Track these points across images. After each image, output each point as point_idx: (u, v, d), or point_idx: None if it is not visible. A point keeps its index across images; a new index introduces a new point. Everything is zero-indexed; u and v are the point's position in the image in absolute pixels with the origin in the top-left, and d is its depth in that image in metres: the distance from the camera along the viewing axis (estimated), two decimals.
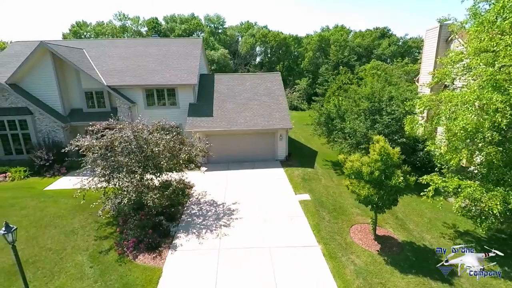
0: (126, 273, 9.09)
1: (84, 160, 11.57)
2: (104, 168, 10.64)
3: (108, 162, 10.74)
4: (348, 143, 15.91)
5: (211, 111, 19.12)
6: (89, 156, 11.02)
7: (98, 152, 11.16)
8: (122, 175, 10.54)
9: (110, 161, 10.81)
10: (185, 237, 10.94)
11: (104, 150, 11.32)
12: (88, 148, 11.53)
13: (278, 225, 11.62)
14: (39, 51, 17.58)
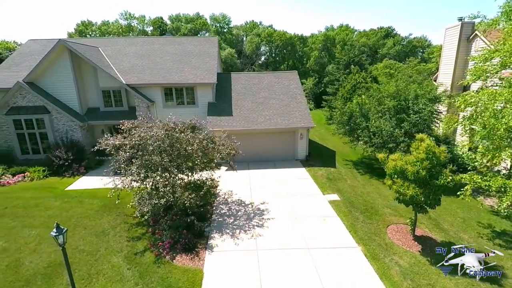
0: (166, 275, 8.84)
1: (114, 159, 11.32)
2: (139, 167, 10.36)
3: (142, 161, 10.47)
4: (374, 143, 15.69)
5: (230, 110, 18.89)
6: (122, 155, 10.74)
7: (130, 151, 10.89)
8: (157, 175, 10.26)
9: (144, 160, 10.54)
10: (219, 238, 10.70)
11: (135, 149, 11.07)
12: (119, 147, 11.29)
13: (311, 226, 11.39)
14: (57, 49, 17.29)
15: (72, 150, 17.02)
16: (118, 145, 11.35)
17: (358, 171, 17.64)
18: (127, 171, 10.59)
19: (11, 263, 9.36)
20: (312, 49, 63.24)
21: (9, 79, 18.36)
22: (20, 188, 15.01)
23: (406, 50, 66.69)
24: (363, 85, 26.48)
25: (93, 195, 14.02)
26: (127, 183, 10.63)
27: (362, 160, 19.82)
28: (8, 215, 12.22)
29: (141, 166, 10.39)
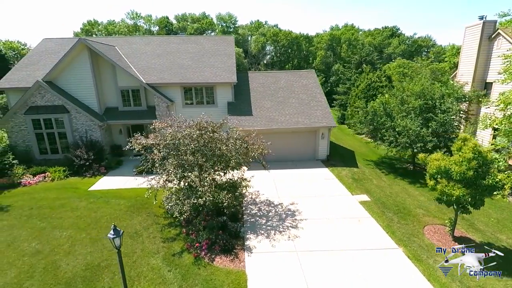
0: (210, 277, 8.65)
1: (143, 158, 11.16)
2: (177, 166, 10.16)
3: (178, 161, 10.28)
4: (399, 142, 15.50)
5: (250, 110, 18.71)
6: (157, 155, 10.54)
7: (164, 151, 10.70)
8: (195, 174, 10.07)
9: (180, 159, 10.35)
10: (255, 239, 10.52)
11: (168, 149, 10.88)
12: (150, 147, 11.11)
13: (347, 227, 11.21)
14: (77, 48, 17.08)
15: (93, 150, 16.81)
16: (150, 145, 11.16)
17: (381, 171, 17.47)
18: (163, 171, 10.38)
19: (47, 265, 9.17)
20: (318, 49, 63.10)
21: (27, 79, 18.19)
22: (42, 189, 14.81)
23: (411, 49, 66.67)
24: (378, 84, 26.35)
25: (118, 195, 13.83)
26: (162, 183, 10.43)
27: (383, 160, 19.65)
28: (35, 216, 12.03)
29: (178, 165, 10.19)
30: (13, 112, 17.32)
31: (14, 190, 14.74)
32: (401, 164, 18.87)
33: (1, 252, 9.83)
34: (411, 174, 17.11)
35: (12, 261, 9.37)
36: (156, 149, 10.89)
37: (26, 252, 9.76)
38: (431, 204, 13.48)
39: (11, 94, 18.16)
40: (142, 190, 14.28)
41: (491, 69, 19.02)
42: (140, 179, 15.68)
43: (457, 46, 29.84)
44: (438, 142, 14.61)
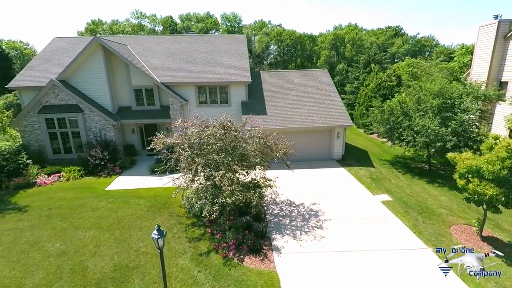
0: (242, 278, 8.53)
1: (170, 158, 11.05)
2: (204, 166, 10.03)
3: (205, 160, 10.15)
4: (418, 142, 15.38)
5: (264, 109, 18.59)
6: (183, 154, 10.41)
7: (189, 150, 10.58)
8: (222, 173, 9.94)
9: (206, 158, 10.23)
10: (281, 239, 10.40)
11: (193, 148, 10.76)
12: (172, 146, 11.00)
13: (372, 227, 11.10)
14: (92, 46, 16.94)
15: (107, 150, 16.68)
16: (173, 144, 11.05)
17: (398, 170, 17.37)
18: (189, 170, 10.25)
19: (74, 266, 9.03)
20: (321, 48, 63.03)
21: (40, 78, 18.05)
22: (58, 188, 14.67)
23: (414, 49, 66.71)
24: (389, 83, 26.26)
25: (137, 195, 13.70)
26: (188, 182, 10.31)
27: (397, 160, 19.55)
28: (55, 216, 11.90)
29: (205, 164, 10.06)
30: (27, 111, 17.18)
31: (30, 190, 14.60)
32: (416, 163, 18.77)
33: (25, 252, 9.69)
34: (428, 174, 17.02)
35: (38, 262, 9.23)
36: (181, 149, 10.76)
37: (51, 253, 9.62)
38: (452, 204, 13.38)
39: (24, 93, 18.01)
40: (160, 190, 14.25)
41: (506, 68, 18.95)
42: (157, 178, 15.67)
43: (466, 45, 29.81)
44: (458, 141, 14.51)
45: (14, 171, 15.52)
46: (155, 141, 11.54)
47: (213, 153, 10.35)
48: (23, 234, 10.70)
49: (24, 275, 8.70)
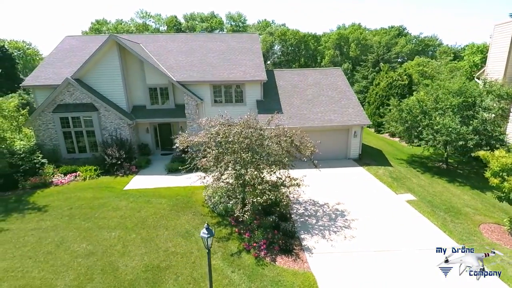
0: (277, 278, 8.37)
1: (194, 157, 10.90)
2: (234, 164, 9.87)
3: (234, 159, 9.99)
4: (438, 141, 15.23)
5: (280, 108, 18.44)
6: (211, 153, 10.24)
7: (216, 149, 10.41)
8: (251, 172, 9.78)
9: (235, 157, 10.06)
10: (311, 239, 10.25)
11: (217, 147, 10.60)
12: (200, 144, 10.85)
13: (401, 226, 10.96)
14: (107, 45, 16.77)
15: (123, 149, 16.51)
16: (199, 143, 10.89)
17: (416, 170, 17.23)
18: (218, 168, 10.08)
19: (105, 267, 8.87)
20: (326, 48, 62.94)
21: (54, 76, 17.88)
22: (75, 188, 14.48)
23: (418, 49, 66.61)
24: (400, 82, 26.14)
25: (157, 194, 13.52)
26: (216, 181, 10.15)
27: (413, 159, 19.41)
28: (77, 216, 11.73)
29: (235, 163, 9.90)
30: (41, 110, 17.01)
31: (47, 190, 14.41)
32: (432, 163, 18.64)
33: (51, 253, 9.53)
34: (447, 173, 16.89)
35: (66, 262, 9.06)
36: (208, 147, 10.61)
37: (79, 254, 9.45)
38: (477, 203, 13.25)
39: (38, 91, 17.82)
40: (179, 189, 14.09)
41: None
42: (175, 178, 15.51)
43: (477, 44, 29.73)
44: (480, 140, 14.38)
45: (29, 171, 15.34)
46: (179, 139, 11.39)
47: (241, 152, 10.20)
48: (47, 234, 10.53)
49: (54, 276, 8.53)
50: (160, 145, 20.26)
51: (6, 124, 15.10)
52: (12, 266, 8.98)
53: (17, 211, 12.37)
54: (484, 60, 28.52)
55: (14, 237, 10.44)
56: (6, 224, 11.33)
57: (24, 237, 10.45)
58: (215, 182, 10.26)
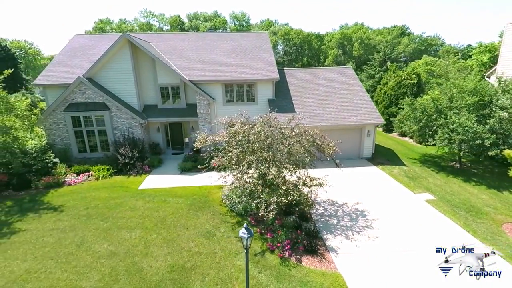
0: (305, 279, 8.26)
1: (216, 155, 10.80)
2: (257, 163, 9.74)
3: (256, 158, 9.87)
4: (454, 140, 15.11)
5: (292, 107, 18.32)
6: (233, 152, 10.13)
7: (237, 147, 10.30)
8: (274, 171, 9.67)
9: (257, 156, 9.95)
10: (334, 239, 10.14)
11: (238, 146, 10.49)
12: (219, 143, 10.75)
13: (424, 226, 10.85)
14: (120, 43, 16.62)
15: (137, 148, 16.38)
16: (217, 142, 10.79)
17: (430, 169, 17.12)
18: (242, 168, 9.97)
19: (129, 267, 8.74)
20: (329, 48, 62.89)
21: (65, 75, 17.74)
22: (89, 188, 14.36)
23: (421, 48, 66.52)
24: (409, 81, 26.04)
25: (173, 194, 13.40)
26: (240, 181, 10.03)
27: (425, 158, 19.31)
28: (95, 216, 11.60)
29: (258, 162, 9.78)
30: (52, 109, 16.86)
31: (61, 190, 14.28)
32: (445, 162, 18.54)
33: (73, 254, 9.40)
34: (461, 172, 16.78)
35: (89, 263, 8.94)
36: (229, 146, 10.50)
37: (101, 254, 9.33)
38: (496, 202, 13.15)
39: (49, 90, 17.67)
40: (195, 189, 13.98)
41: None
42: (190, 177, 15.40)
43: (485, 44, 29.65)
44: (497, 139, 14.28)
45: (41, 170, 15.23)
46: (199, 138, 11.29)
47: (262, 151, 10.09)
48: (66, 235, 10.40)
49: (79, 277, 8.41)
50: (171, 145, 20.13)
51: (18, 123, 14.95)
52: (34, 267, 8.86)
53: (33, 211, 12.24)
54: (492, 60, 28.45)
55: (33, 238, 10.31)
56: (23, 224, 11.20)
57: (43, 237, 10.33)
58: (237, 181, 10.13)
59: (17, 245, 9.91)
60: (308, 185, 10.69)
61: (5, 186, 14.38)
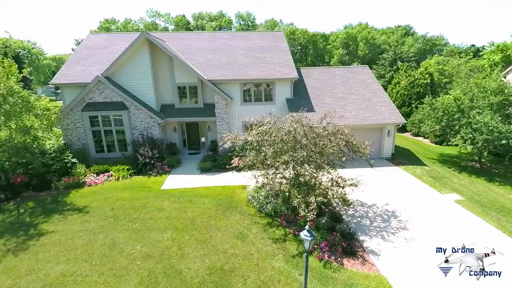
0: (350, 282, 8.10)
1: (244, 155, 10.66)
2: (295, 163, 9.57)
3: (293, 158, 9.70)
4: (478, 140, 14.97)
5: (311, 106, 18.15)
6: (267, 151, 9.95)
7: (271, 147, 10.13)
8: (310, 171, 9.50)
9: (293, 156, 9.78)
10: (370, 241, 9.98)
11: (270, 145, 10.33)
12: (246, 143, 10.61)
13: (457, 227, 10.70)
14: (138, 42, 16.42)
15: (157, 148, 16.19)
16: (257, 141, 10.62)
17: (451, 169, 16.98)
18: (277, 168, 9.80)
19: (167, 270, 8.57)
20: (334, 47, 62.73)
21: (82, 74, 17.53)
22: (111, 188, 14.15)
23: (425, 48, 66.49)
24: (422, 81, 25.91)
25: (198, 194, 13.22)
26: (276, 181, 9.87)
27: (444, 158, 19.17)
28: (122, 217, 11.42)
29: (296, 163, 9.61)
30: (70, 108, 16.66)
31: (82, 190, 14.08)
32: (465, 162, 18.41)
33: (106, 256, 9.22)
34: (483, 172, 16.64)
35: (125, 266, 8.77)
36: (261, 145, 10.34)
37: (135, 256, 9.15)
38: None
39: (65, 90, 17.45)
40: (219, 189, 13.83)
41: None
42: (211, 177, 15.24)
43: (497, 43, 29.54)
44: None
45: (60, 170, 15.04)
46: (228, 137, 11.12)
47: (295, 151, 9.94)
48: (96, 236, 10.22)
49: (117, 280, 8.24)
50: (188, 145, 19.95)
51: (37, 123, 14.75)
52: (69, 270, 8.68)
53: (57, 212, 12.05)
54: (504, 59, 28.34)
55: (62, 239, 10.13)
56: (49, 226, 11.02)
57: (72, 239, 10.15)
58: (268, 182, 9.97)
59: (48, 247, 9.73)
60: (341, 185, 10.53)
61: (25, 187, 14.19)
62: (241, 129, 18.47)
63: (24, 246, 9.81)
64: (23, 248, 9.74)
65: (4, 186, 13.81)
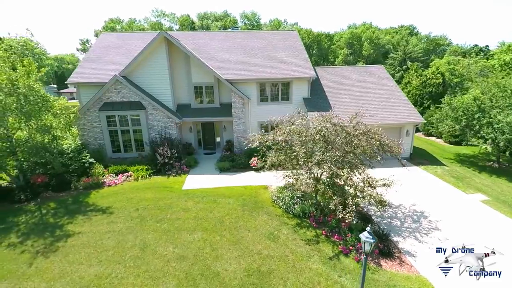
0: (391, 283, 7.98)
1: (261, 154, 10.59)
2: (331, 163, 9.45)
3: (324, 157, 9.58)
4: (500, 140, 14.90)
5: (328, 106, 18.01)
6: (299, 151, 9.82)
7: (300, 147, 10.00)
8: (346, 171, 9.39)
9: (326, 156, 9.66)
10: (404, 241, 9.87)
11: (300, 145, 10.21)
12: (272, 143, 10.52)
13: (489, 227, 10.62)
14: (156, 41, 16.28)
15: (176, 148, 16.05)
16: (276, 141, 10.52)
17: (470, 169, 16.90)
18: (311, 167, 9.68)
19: (203, 271, 8.43)
20: (339, 47, 62.77)
21: (98, 73, 17.37)
22: (131, 188, 13.99)
23: (429, 48, 66.57)
24: (434, 81, 25.85)
25: (221, 194, 13.09)
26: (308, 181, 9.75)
27: (461, 158, 19.09)
28: (148, 217, 11.27)
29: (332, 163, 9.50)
30: (86, 108, 16.49)
31: (102, 191, 13.92)
32: (483, 162, 18.34)
33: (139, 257, 9.08)
34: (502, 172, 16.57)
35: (160, 267, 8.62)
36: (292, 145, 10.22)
37: (169, 258, 9.01)
38: None
39: (82, 89, 17.28)
40: (240, 189, 13.71)
41: None
42: (230, 177, 15.13)
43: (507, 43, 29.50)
44: None
45: (78, 170, 14.88)
46: (256, 137, 11.01)
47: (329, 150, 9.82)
48: (125, 238, 10.08)
49: (154, 282, 8.10)
50: (203, 144, 19.81)
51: (55, 122, 14.58)
52: (103, 272, 8.53)
53: (80, 213, 11.89)
54: None
55: (91, 241, 9.98)
56: (75, 227, 10.86)
57: (101, 240, 10.00)
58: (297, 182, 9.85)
59: (77, 249, 9.58)
60: (372, 185, 10.40)
61: (44, 187, 14.01)
62: (256, 128, 18.34)
63: (53, 248, 9.65)
64: (52, 249, 9.58)
65: (23, 186, 13.63)
